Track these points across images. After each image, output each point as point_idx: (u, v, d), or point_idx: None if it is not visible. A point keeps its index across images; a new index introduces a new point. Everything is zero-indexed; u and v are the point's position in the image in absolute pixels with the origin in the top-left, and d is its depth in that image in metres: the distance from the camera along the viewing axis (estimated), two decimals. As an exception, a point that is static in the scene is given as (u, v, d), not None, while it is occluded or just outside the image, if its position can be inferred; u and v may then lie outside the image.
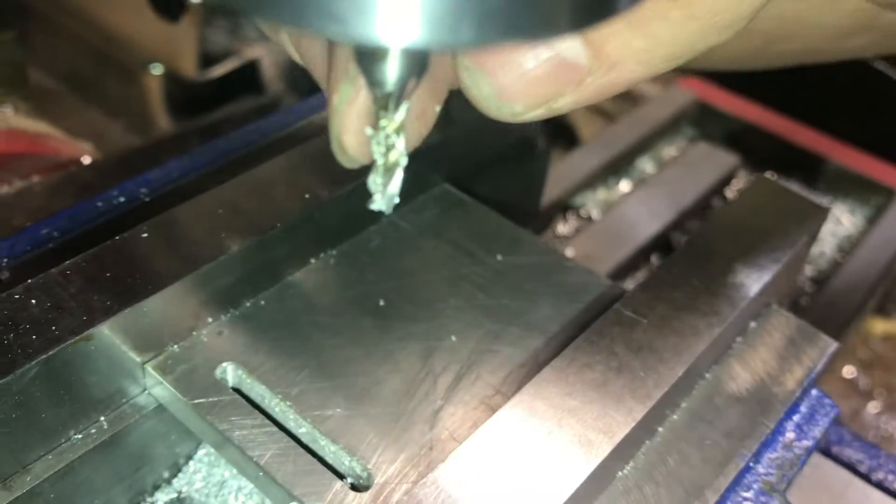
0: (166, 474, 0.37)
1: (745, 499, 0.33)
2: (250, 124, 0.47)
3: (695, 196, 0.66)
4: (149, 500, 0.37)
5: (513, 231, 0.42)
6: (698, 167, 0.69)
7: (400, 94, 0.20)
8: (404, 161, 0.22)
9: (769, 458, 0.34)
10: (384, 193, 0.23)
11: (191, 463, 0.38)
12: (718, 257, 0.36)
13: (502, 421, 0.30)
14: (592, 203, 0.68)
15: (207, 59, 0.90)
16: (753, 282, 0.36)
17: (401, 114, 0.21)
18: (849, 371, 1.09)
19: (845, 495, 0.41)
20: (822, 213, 0.40)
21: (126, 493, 0.36)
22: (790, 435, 0.35)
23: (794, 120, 0.76)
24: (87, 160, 0.61)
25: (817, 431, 0.36)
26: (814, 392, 0.37)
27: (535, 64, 0.26)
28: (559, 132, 1.05)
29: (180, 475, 0.37)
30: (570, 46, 0.25)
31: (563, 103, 0.27)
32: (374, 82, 0.20)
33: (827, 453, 0.48)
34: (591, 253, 0.59)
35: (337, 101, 0.24)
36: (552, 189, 0.66)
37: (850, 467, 0.47)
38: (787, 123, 0.75)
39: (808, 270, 0.66)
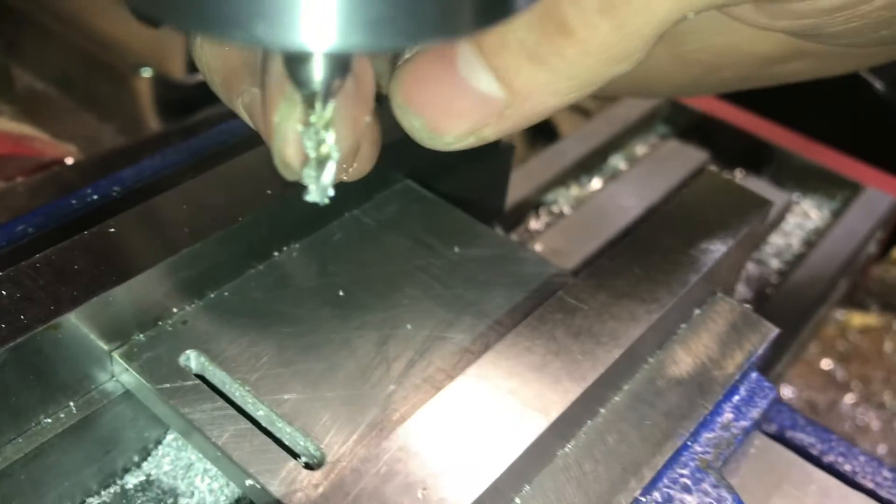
0: (136, 458, 0.39)
1: (682, 475, 0.35)
2: (222, 124, 0.49)
3: (664, 191, 0.68)
4: (119, 482, 0.38)
5: (471, 225, 0.44)
6: (668, 163, 0.71)
7: (326, 93, 0.22)
8: (335, 155, 0.24)
9: (706, 437, 0.36)
10: (318, 185, 0.24)
11: (160, 447, 0.39)
12: (660, 248, 0.38)
13: (444, 400, 0.31)
14: (564, 200, 0.69)
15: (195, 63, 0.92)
16: (693, 270, 0.37)
17: (328, 111, 0.23)
18: (826, 363, 1.10)
19: (788, 475, 0.42)
20: (765, 206, 0.41)
21: (96, 475, 0.37)
22: (728, 416, 0.37)
23: (767, 119, 0.77)
24: (69, 161, 0.63)
25: (755, 412, 0.37)
26: (753, 375, 0.39)
27: (457, 100, 0.28)
28: (540, 130, 1.07)
29: (150, 459, 0.39)
30: (486, 82, 0.28)
31: (489, 132, 0.30)
32: (300, 83, 0.22)
33: (781, 438, 0.50)
34: (560, 247, 0.61)
35: (278, 119, 0.26)
36: (525, 186, 0.68)
37: (803, 451, 0.49)
38: (758, 121, 0.76)
39: (776, 263, 0.68)
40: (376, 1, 0.18)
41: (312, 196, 0.25)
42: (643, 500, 0.33)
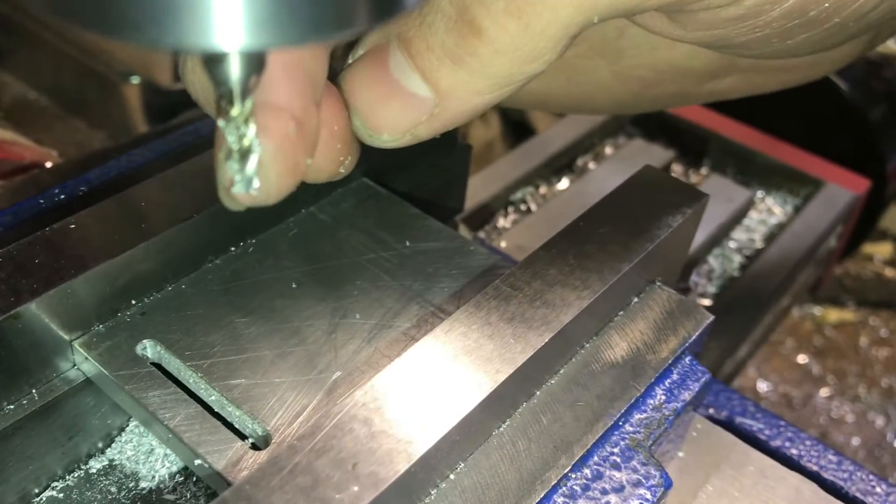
0: (100, 444, 0.41)
1: (612, 453, 0.36)
2: (188, 127, 0.51)
3: (628, 189, 0.69)
4: (83, 467, 0.40)
5: (423, 220, 0.46)
6: (633, 162, 0.72)
7: (244, 90, 0.24)
8: (256, 147, 0.26)
9: (638, 417, 0.38)
10: (242, 176, 0.26)
11: (123, 434, 0.41)
12: (596, 238, 0.40)
13: (380, 382, 0.33)
14: (532, 198, 0.71)
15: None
16: (625, 260, 0.39)
17: (248, 106, 0.25)
18: (802, 358, 1.12)
19: (727, 457, 0.44)
20: (701, 199, 0.43)
21: (61, 460, 0.39)
22: (660, 398, 0.39)
23: (734, 119, 0.79)
24: (49, 164, 0.65)
25: (687, 395, 0.39)
26: (687, 359, 0.41)
27: (390, 100, 0.31)
28: (521, 130, 1.09)
29: (113, 445, 0.41)
30: (415, 83, 0.30)
31: (422, 131, 0.32)
32: (218, 81, 0.24)
33: (730, 424, 0.51)
34: (524, 244, 0.63)
35: (222, 156, 0.28)
36: (493, 185, 0.70)
37: (752, 436, 0.51)
38: (723, 120, 0.78)
39: (738, 258, 0.70)
40: (272, 2, 0.20)
41: (238, 188, 0.27)
42: (573, 476, 0.35)
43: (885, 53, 1.10)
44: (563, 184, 0.73)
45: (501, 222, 0.69)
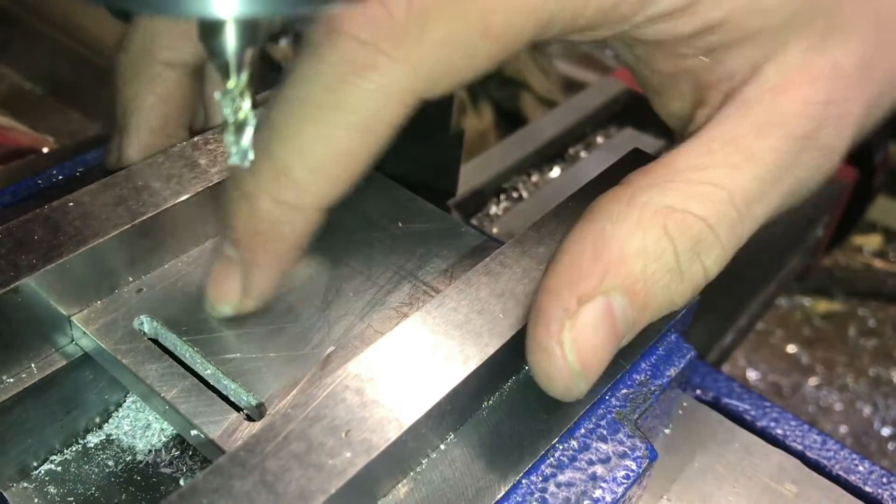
0: (97, 419, 0.41)
1: (599, 426, 0.37)
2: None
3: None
4: (80, 441, 0.41)
5: (415, 203, 0.47)
6: (624, 150, 0.73)
7: (239, 62, 0.25)
8: (252, 119, 0.27)
9: (624, 392, 0.39)
10: (238, 148, 0.27)
11: (120, 409, 0.42)
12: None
13: (372, 354, 0.34)
14: (523, 186, 0.72)
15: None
16: (613, 238, 0.40)
17: (243, 79, 0.25)
18: (791, 348, 1.13)
19: (713, 434, 0.45)
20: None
21: (59, 434, 0.40)
22: (646, 373, 0.40)
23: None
24: (46, 150, 0.65)
25: (672, 371, 0.40)
26: (673, 337, 0.42)
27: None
28: (513, 120, 1.10)
29: (110, 420, 0.42)
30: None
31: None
32: (214, 53, 0.25)
33: (717, 404, 0.52)
34: (515, 230, 0.64)
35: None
36: (485, 173, 0.70)
37: (738, 416, 0.52)
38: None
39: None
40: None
41: (234, 159, 0.28)
42: (560, 447, 0.36)
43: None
44: (555, 172, 0.74)
45: (493, 209, 0.70)
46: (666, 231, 0.34)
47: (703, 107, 0.38)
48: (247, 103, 0.26)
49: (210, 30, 0.24)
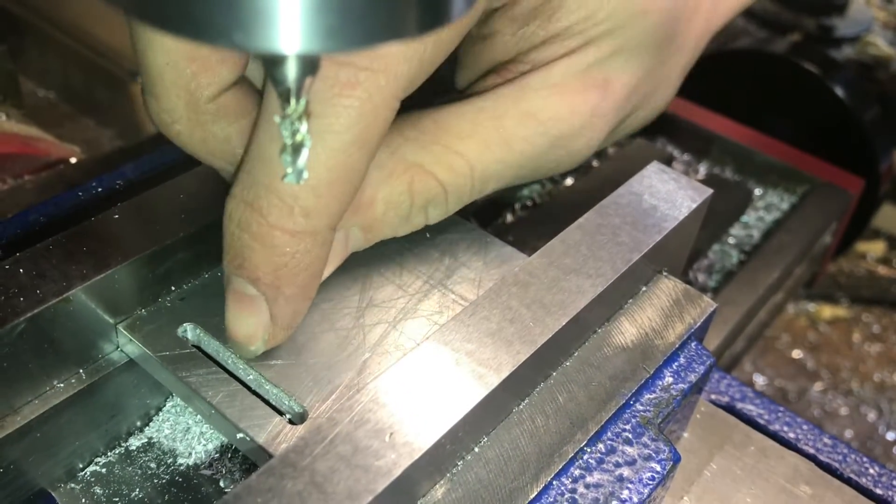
0: (139, 423, 0.43)
1: (624, 430, 0.39)
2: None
3: (631, 187, 0.72)
4: (123, 444, 0.43)
5: (442, 213, 0.48)
6: (636, 160, 0.75)
7: (299, 89, 0.27)
8: (308, 142, 0.28)
9: (647, 397, 0.40)
10: (294, 168, 0.29)
11: (160, 413, 0.44)
12: (607, 230, 0.43)
13: (410, 361, 0.36)
14: (538, 196, 0.74)
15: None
16: (635, 250, 0.42)
17: (301, 105, 0.27)
18: (797, 353, 1.15)
19: (730, 438, 0.47)
20: (705, 194, 0.46)
21: (103, 437, 0.42)
22: (668, 379, 0.41)
23: (734, 121, 0.82)
24: (74, 160, 0.67)
25: (693, 377, 0.42)
26: (693, 344, 0.43)
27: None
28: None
29: (151, 424, 0.43)
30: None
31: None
32: (276, 81, 0.26)
33: (731, 409, 0.54)
34: (527, 239, 0.65)
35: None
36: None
37: (751, 420, 0.54)
38: (723, 121, 0.81)
39: (736, 253, 0.72)
40: (333, 11, 0.23)
41: (290, 178, 0.29)
42: (588, 450, 0.38)
43: (877, 56, 1.13)
44: (569, 181, 0.76)
45: (509, 218, 0.71)
46: (410, 187, 0.41)
47: (496, 76, 0.45)
48: (304, 126, 0.28)
49: (273, 60, 0.26)
